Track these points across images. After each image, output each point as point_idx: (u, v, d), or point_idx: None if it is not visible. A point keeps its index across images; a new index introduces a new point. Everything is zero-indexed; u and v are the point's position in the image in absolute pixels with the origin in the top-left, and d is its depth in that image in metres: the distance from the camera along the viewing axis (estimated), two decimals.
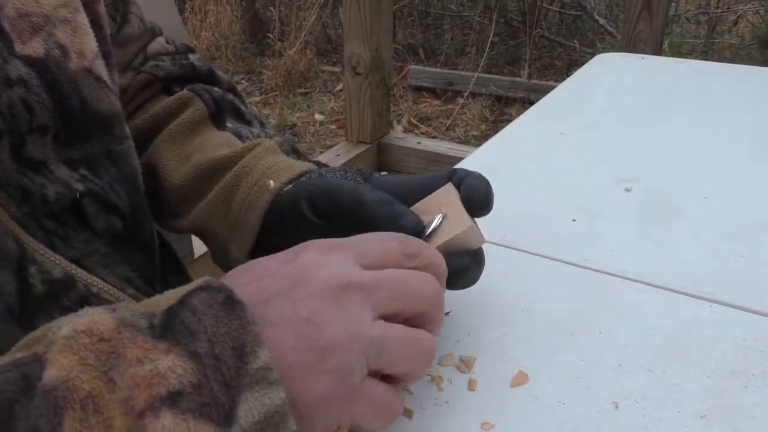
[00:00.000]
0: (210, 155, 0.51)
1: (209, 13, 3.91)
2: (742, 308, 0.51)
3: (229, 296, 0.30)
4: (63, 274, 0.39)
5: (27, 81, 0.38)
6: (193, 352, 0.28)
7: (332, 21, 4.17)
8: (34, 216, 0.39)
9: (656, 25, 1.89)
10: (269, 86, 3.67)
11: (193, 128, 0.53)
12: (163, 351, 0.28)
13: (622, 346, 0.47)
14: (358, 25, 2.23)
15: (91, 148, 0.43)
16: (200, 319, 0.29)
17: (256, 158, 0.49)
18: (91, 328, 0.28)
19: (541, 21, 3.65)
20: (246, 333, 0.29)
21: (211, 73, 0.59)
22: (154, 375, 0.27)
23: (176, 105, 0.54)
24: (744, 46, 3.44)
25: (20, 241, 0.37)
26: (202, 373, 0.28)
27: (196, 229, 0.52)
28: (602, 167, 0.74)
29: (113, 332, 0.28)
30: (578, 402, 0.42)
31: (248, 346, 0.29)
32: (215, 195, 0.50)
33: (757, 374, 0.44)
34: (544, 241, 0.60)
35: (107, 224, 0.43)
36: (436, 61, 3.79)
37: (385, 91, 2.39)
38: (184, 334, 0.28)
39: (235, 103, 0.57)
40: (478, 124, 3.15)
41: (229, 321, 0.29)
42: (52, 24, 0.41)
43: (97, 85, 0.43)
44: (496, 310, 0.50)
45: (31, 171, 0.39)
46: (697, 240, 0.60)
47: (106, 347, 0.27)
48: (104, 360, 0.27)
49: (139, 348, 0.28)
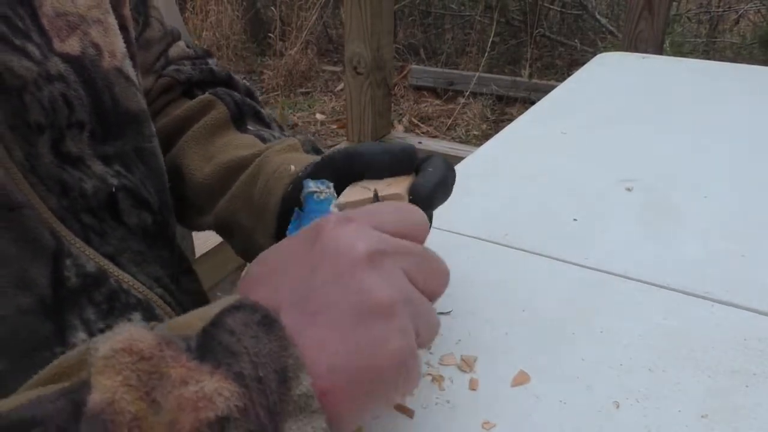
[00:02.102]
0: (234, 154, 0.51)
1: (210, 12, 3.91)
2: (743, 308, 0.51)
3: (265, 315, 0.29)
4: (96, 268, 0.40)
5: (66, 77, 0.39)
6: (237, 373, 0.27)
7: (333, 21, 4.17)
8: (72, 210, 0.39)
9: (657, 25, 1.89)
10: (270, 86, 3.67)
11: (216, 130, 0.54)
12: (206, 372, 0.26)
13: (623, 346, 0.47)
14: (359, 25, 2.23)
15: (123, 145, 0.44)
16: (239, 340, 0.28)
17: (277, 152, 0.50)
18: (131, 346, 0.26)
19: (542, 20, 3.65)
20: (287, 355, 0.28)
21: (230, 77, 0.61)
22: (200, 398, 0.26)
23: (199, 108, 0.55)
24: (745, 45, 3.44)
25: (57, 234, 0.38)
26: (248, 397, 0.26)
27: (220, 224, 0.53)
28: (603, 167, 0.74)
29: (154, 349, 0.26)
30: (579, 401, 0.42)
31: (290, 369, 0.28)
32: (237, 187, 0.50)
33: (758, 373, 0.44)
34: (545, 240, 0.60)
35: (139, 220, 0.44)
36: (437, 61, 3.79)
37: (386, 90, 2.39)
38: (225, 354, 0.27)
39: (256, 107, 0.58)
40: (479, 123, 3.15)
41: (269, 342, 0.28)
42: (86, 24, 0.42)
43: (126, 84, 0.44)
44: (497, 310, 0.51)
45: (70, 166, 0.40)
46: (697, 239, 0.60)
47: (148, 366, 0.26)
48: (146, 380, 0.26)
49: (182, 367, 0.26)
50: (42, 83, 0.38)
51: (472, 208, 0.65)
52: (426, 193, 0.41)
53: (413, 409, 0.41)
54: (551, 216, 0.64)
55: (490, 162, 0.77)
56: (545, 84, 3.14)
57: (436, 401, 0.42)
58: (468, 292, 0.53)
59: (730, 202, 0.66)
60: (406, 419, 0.41)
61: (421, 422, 0.41)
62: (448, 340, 0.48)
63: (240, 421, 0.26)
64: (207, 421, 0.25)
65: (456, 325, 0.49)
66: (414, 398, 0.42)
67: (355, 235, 0.32)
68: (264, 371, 0.27)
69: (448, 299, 0.52)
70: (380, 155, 0.43)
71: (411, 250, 0.34)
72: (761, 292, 0.52)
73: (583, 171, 0.74)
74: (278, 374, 0.27)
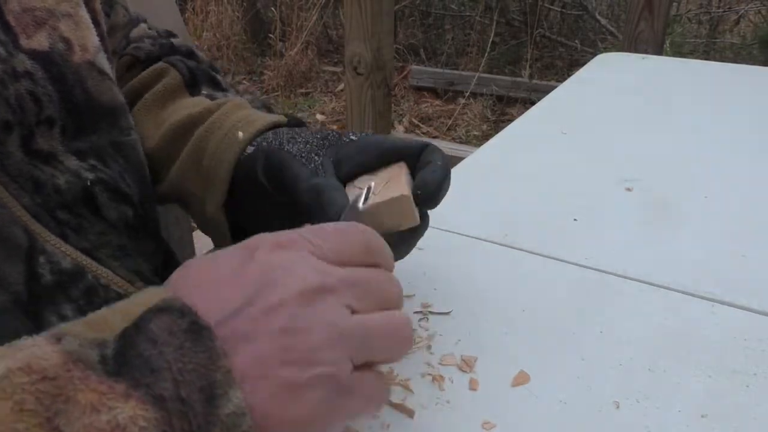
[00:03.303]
0: (181, 114, 0.51)
1: (210, 13, 3.91)
2: (743, 308, 0.51)
3: (194, 321, 0.27)
4: (72, 264, 0.39)
5: (33, 74, 0.39)
6: (157, 396, 0.24)
7: (333, 21, 4.17)
8: (46, 207, 0.39)
9: (657, 25, 1.88)
10: (270, 86, 3.67)
11: (168, 96, 0.53)
12: (121, 395, 0.24)
13: (623, 346, 0.47)
14: (359, 26, 2.23)
15: (98, 139, 0.44)
16: (162, 352, 0.25)
17: (226, 114, 0.49)
18: (30, 364, 0.23)
19: (543, 21, 3.65)
20: (216, 369, 0.26)
21: (191, 51, 0.59)
22: (114, 427, 0.23)
23: (151, 76, 0.54)
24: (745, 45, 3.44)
25: (30, 232, 0.38)
26: (167, 422, 0.24)
27: (174, 194, 0.52)
28: (603, 167, 0.74)
29: (60, 368, 0.23)
30: (579, 401, 0.42)
31: (218, 386, 0.26)
32: (187, 153, 0.50)
33: (758, 374, 0.44)
34: (545, 240, 0.60)
35: (119, 213, 0.44)
36: (437, 61, 3.79)
37: (386, 91, 2.39)
38: (143, 371, 0.25)
39: (211, 74, 0.57)
40: (480, 124, 3.15)
41: (195, 354, 0.26)
42: (55, 18, 0.41)
43: (100, 78, 0.44)
44: (497, 310, 0.51)
45: (41, 162, 0.39)
46: (697, 239, 0.60)
47: (51, 387, 0.23)
48: (48, 404, 0.23)
49: (92, 391, 0.23)
50: (8, 81, 0.37)
51: (472, 208, 0.65)
52: (433, 189, 0.40)
53: (413, 409, 0.41)
54: (551, 216, 0.64)
55: (490, 162, 0.77)
56: (545, 84, 3.14)
57: (436, 401, 0.42)
58: (468, 292, 0.53)
59: (730, 202, 0.66)
60: (406, 419, 0.41)
61: (421, 422, 0.41)
62: (448, 340, 0.48)
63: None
64: None
65: (456, 325, 0.49)
66: (414, 398, 0.42)
67: (295, 264, 0.30)
68: (187, 390, 0.25)
69: (448, 299, 0.52)
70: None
71: (355, 281, 0.31)
72: (761, 292, 0.52)
73: (583, 171, 0.74)
74: (204, 392, 0.25)
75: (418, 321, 0.49)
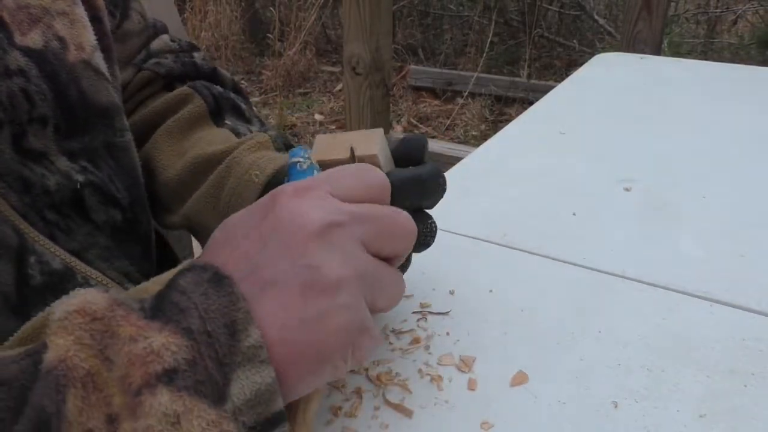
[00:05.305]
0: (205, 150, 0.51)
1: (209, 13, 3.91)
2: (742, 308, 0.51)
3: (216, 273, 0.30)
4: (62, 265, 0.39)
5: (26, 71, 0.39)
6: (185, 328, 0.28)
7: (332, 21, 4.17)
8: (35, 207, 0.39)
9: (656, 25, 1.89)
10: (269, 86, 3.67)
11: (192, 124, 0.53)
12: (155, 329, 0.28)
13: (622, 346, 0.47)
14: (358, 26, 2.23)
15: (91, 140, 0.43)
16: (190, 297, 0.29)
17: (246, 152, 0.49)
18: (83, 308, 0.28)
19: (541, 21, 3.66)
20: (236, 309, 0.29)
21: (215, 71, 0.59)
22: (149, 353, 0.27)
23: (175, 101, 0.54)
24: (743, 45, 3.44)
25: (20, 231, 0.37)
26: (196, 349, 0.28)
27: (187, 224, 0.52)
28: (602, 167, 0.74)
29: (106, 311, 0.28)
30: (578, 402, 0.42)
31: (239, 323, 0.29)
32: (206, 188, 0.50)
33: (756, 374, 0.44)
34: (544, 240, 0.60)
35: (107, 216, 0.44)
36: (436, 61, 3.79)
37: (384, 91, 2.39)
38: (174, 311, 0.28)
39: (236, 101, 0.56)
40: (478, 124, 3.15)
41: (218, 297, 0.29)
42: (50, 16, 0.41)
43: (96, 78, 0.43)
44: (495, 310, 0.50)
45: (32, 162, 0.39)
46: (696, 240, 0.60)
47: (100, 326, 0.27)
48: (99, 339, 0.27)
49: (132, 326, 0.27)
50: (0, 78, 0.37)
51: (471, 209, 0.65)
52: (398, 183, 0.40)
53: (412, 409, 0.41)
54: (550, 216, 0.64)
55: (488, 162, 0.77)
56: (544, 84, 3.15)
57: (434, 401, 0.42)
58: (467, 292, 0.53)
59: (729, 202, 0.66)
60: (404, 419, 0.41)
61: (420, 422, 0.41)
62: (447, 340, 0.48)
63: (188, 373, 0.27)
64: (155, 373, 0.27)
65: (455, 325, 0.49)
66: (413, 398, 0.42)
67: (310, 206, 0.32)
68: (212, 325, 0.28)
69: (447, 299, 0.52)
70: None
71: (369, 217, 0.34)
72: (760, 292, 0.52)
73: (582, 171, 0.74)
74: (227, 328, 0.28)
75: (416, 321, 0.49)
